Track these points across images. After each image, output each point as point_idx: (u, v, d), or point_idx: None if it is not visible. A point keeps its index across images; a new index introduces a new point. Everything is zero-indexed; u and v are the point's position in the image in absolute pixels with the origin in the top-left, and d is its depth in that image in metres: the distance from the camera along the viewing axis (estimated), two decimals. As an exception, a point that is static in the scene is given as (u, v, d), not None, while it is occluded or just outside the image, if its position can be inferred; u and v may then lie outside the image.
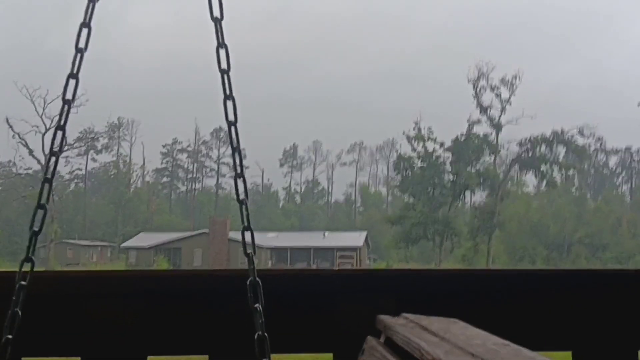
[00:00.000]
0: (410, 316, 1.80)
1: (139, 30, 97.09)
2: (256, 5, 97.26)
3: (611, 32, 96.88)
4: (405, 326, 1.70)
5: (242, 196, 2.09)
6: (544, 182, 61.34)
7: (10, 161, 71.87)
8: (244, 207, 2.06)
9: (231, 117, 2.12)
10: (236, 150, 2.12)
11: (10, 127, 57.57)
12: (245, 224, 2.06)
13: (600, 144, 64.56)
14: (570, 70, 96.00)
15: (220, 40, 2.16)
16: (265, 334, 1.92)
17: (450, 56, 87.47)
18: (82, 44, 2.11)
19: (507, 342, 1.45)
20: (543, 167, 58.57)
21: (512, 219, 61.02)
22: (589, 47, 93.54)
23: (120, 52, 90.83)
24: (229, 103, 2.11)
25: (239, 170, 2.11)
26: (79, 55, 2.10)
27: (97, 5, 2.16)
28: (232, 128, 2.11)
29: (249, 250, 2.03)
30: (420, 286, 2.38)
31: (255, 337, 1.91)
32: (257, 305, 1.95)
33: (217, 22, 2.17)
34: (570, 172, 62.25)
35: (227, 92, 2.12)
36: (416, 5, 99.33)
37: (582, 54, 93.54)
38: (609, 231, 62.78)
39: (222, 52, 2.16)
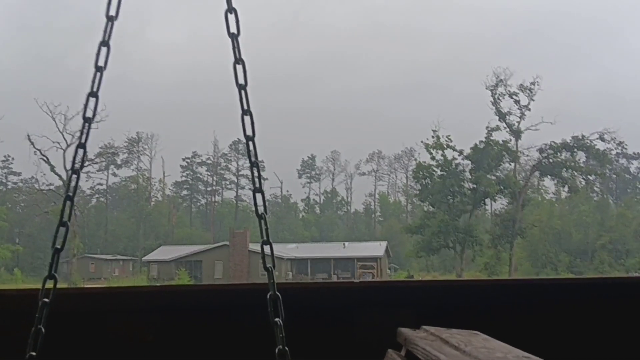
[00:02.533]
0: (431, 329, 1.78)
1: (157, 46, 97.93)
2: (274, 20, 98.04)
3: (622, 41, 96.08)
4: (426, 339, 1.68)
5: (261, 210, 2.09)
6: (566, 188, 60.71)
7: (32, 177, 72.78)
8: (262, 221, 2.06)
9: (249, 132, 2.13)
10: (254, 164, 2.12)
11: (32, 143, 58.19)
12: (265, 238, 2.06)
13: (622, 149, 63.66)
14: (583, 78, 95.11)
15: (238, 55, 2.17)
16: (286, 347, 1.92)
17: (465, 66, 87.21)
18: (101, 63, 2.13)
19: (528, 354, 1.43)
20: (564, 173, 57.99)
21: (533, 226, 60.40)
22: (602, 56, 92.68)
23: (139, 68, 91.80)
24: (247, 118, 2.12)
25: (257, 185, 2.12)
26: (98, 73, 2.12)
27: (116, 23, 2.19)
28: (250, 143, 2.12)
29: (269, 264, 2.03)
30: (440, 297, 2.36)
31: (276, 351, 1.91)
32: (277, 319, 1.94)
33: (234, 37, 2.18)
34: (592, 177, 61.56)
35: (245, 107, 2.13)
36: (430, 17, 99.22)
37: (595, 62, 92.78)
38: (632, 237, 61.93)
39: (239, 67, 2.17)
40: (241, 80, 2.15)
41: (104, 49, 2.12)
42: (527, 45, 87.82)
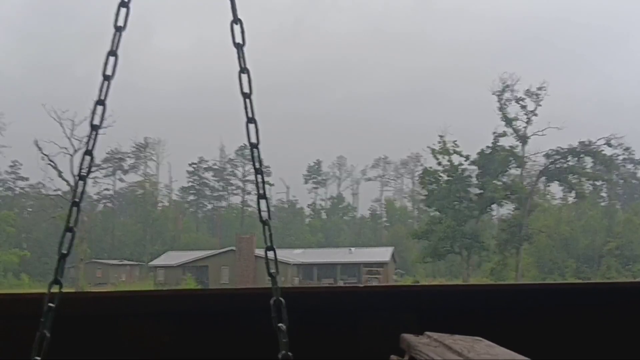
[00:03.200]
0: (434, 335, 1.80)
1: (164, 54, 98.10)
2: (279, 26, 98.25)
3: (626, 48, 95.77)
4: (429, 345, 1.70)
5: (265, 216, 2.12)
6: (573, 194, 60.54)
7: (39, 183, 72.94)
8: (266, 227, 2.09)
9: (253, 140, 2.16)
10: (259, 171, 2.15)
11: (39, 149, 58.36)
12: (269, 244, 2.08)
13: (629, 154, 63.38)
14: (587, 85, 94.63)
15: (242, 65, 2.20)
16: (290, 353, 1.94)
17: (469, 72, 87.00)
18: (109, 71, 2.16)
19: (531, 360, 1.44)
20: (571, 179, 57.83)
21: (540, 232, 60.21)
22: (605, 63, 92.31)
23: (146, 74, 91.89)
24: (251, 126, 2.15)
25: (261, 191, 2.14)
26: (105, 82, 2.15)
27: (124, 31, 2.21)
28: (255, 150, 2.15)
29: (272, 270, 2.05)
30: (444, 303, 2.37)
31: (280, 356, 1.93)
32: (280, 324, 1.96)
33: (239, 47, 2.21)
34: (599, 183, 61.36)
35: (250, 115, 2.16)
36: (433, 24, 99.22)
37: (598, 69, 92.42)
38: (640, 242, 61.71)
39: (244, 76, 2.20)
40: (246, 89, 2.18)
41: (111, 59, 2.15)
42: (530, 52, 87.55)
